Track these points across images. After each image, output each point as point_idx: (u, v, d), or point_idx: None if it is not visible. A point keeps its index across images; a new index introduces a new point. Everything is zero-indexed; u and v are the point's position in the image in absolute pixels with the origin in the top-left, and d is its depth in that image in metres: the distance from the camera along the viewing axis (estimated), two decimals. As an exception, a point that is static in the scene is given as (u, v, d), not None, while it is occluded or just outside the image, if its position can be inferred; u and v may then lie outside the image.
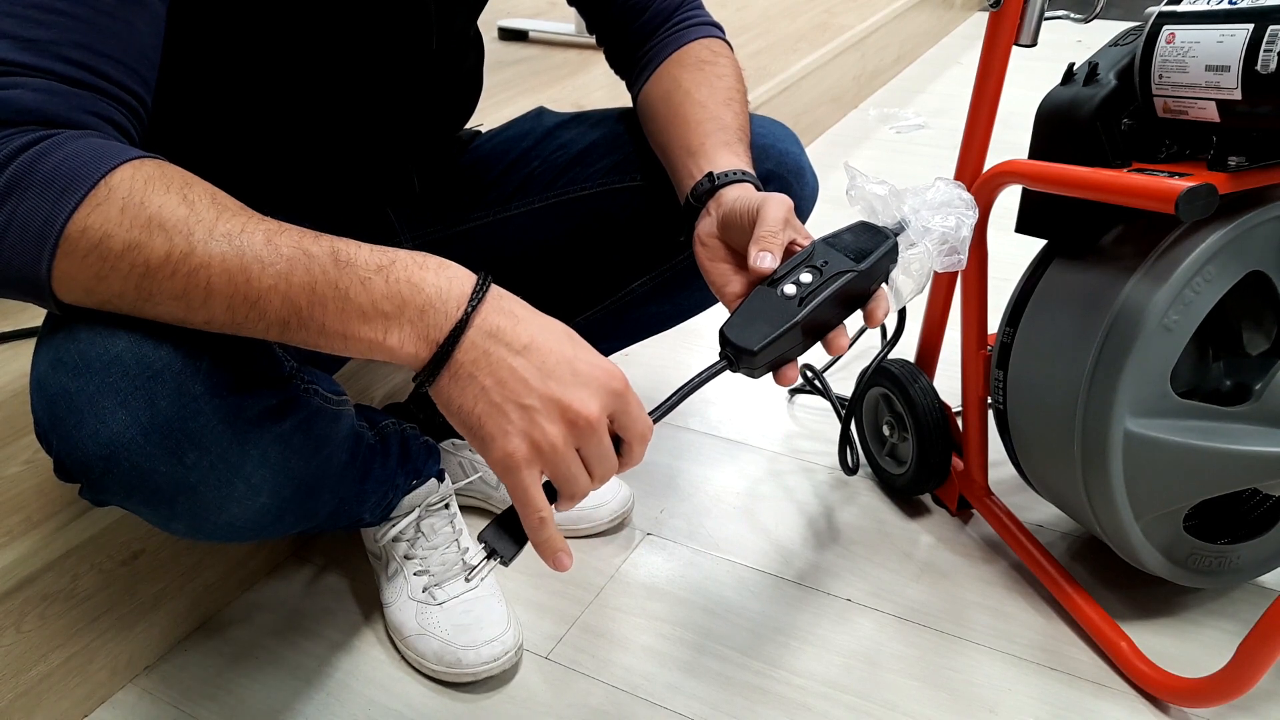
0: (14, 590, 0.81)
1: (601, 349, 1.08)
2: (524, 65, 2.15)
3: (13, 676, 0.82)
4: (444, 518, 0.97)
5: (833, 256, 0.69)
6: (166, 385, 0.60)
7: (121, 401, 0.59)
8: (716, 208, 0.76)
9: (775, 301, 0.67)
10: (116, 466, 0.60)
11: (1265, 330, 0.87)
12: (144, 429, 0.60)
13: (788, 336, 0.66)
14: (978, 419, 1.02)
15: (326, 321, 0.57)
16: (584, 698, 0.90)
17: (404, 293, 0.57)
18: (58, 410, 0.60)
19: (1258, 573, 0.96)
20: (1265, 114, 0.74)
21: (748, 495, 1.16)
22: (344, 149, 0.87)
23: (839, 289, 0.68)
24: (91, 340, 0.59)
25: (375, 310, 0.57)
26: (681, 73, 0.87)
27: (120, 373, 0.59)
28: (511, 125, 1.03)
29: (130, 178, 0.55)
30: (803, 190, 0.94)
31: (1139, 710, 0.87)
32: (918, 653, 0.94)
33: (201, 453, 0.63)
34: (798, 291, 0.67)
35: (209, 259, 0.55)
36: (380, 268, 0.57)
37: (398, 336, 0.57)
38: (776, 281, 0.68)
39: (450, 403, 0.59)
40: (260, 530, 0.72)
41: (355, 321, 0.57)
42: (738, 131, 0.83)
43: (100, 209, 0.54)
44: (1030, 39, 0.93)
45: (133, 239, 0.54)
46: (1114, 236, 0.88)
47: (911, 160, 2.23)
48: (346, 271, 0.57)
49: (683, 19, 0.92)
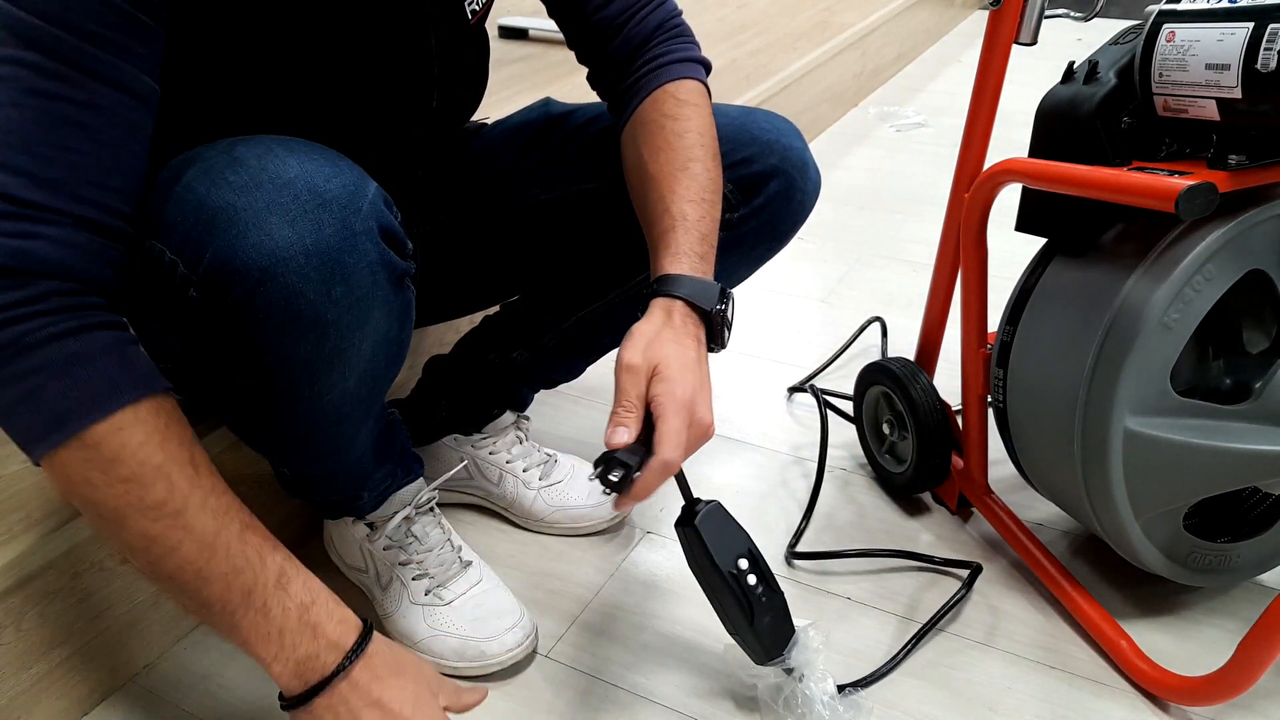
0: (14, 588, 0.81)
1: (605, 344, 1.08)
2: (525, 63, 2.15)
3: (13, 674, 0.82)
4: (432, 520, 0.97)
5: (769, 604, 0.81)
6: (333, 215, 0.64)
7: (290, 220, 0.63)
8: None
9: (735, 545, 0.81)
10: (272, 281, 0.63)
11: (1265, 329, 0.87)
12: (306, 250, 0.63)
13: (703, 558, 0.79)
14: (978, 417, 1.02)
15: (240, 623, 0.65)
16: (584, 696, 0.90)
17: (304, 638, 0.67)
18: (219, 222, 0.62)
19: (1257, 571, 0.96)
20: (1265, 112, 0.74)
21: (747, 494, 1.16)
22: (346, 141, 0.87)
23: (735, 602, 0.80)
24: (261, 164, 0.64)
25: (279, 637, 0.66)
26: (645, 137, 0.86)
27: (291, 195, 0.63)
28: (518, 115, 1.03)
29: (154, 413, 0.61)
30: (806, 185, 0.94)
31: (1139, 709, 0.87)
32: (918, 651, 0.94)
33: (348, 288, 0.66)
34: (743, 568, 0.80)
35: (192, 525, 0.62)
36: (303, 605, 0.67)
37: (280, 668, 0.67)
38: (755, 550, 0.81)
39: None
40: (329, 424, 0.76)
41: (259, 638, 0.66)
42: (677, 205, 0.81)
43: (123, 432, 0.59)
44: (1030, 37, 0.93)
45: (140, 474, 0.59)
46: (1114, 235, 0.88)
47: (911, 159, 2.23)
48: (279, 595, 0.66)
49: (657, 54, 0.89)
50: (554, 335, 1.03)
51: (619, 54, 0.89)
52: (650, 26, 0.89)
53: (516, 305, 1.07)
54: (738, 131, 0.93)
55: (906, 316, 1.51)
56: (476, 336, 1.10)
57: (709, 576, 0.80)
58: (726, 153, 0.92)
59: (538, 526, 1.10)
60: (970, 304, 0.99)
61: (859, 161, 2.21)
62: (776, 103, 2.06)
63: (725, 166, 0.92)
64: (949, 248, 1.05)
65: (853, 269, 1.72)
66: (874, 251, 1.79)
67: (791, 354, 1.45)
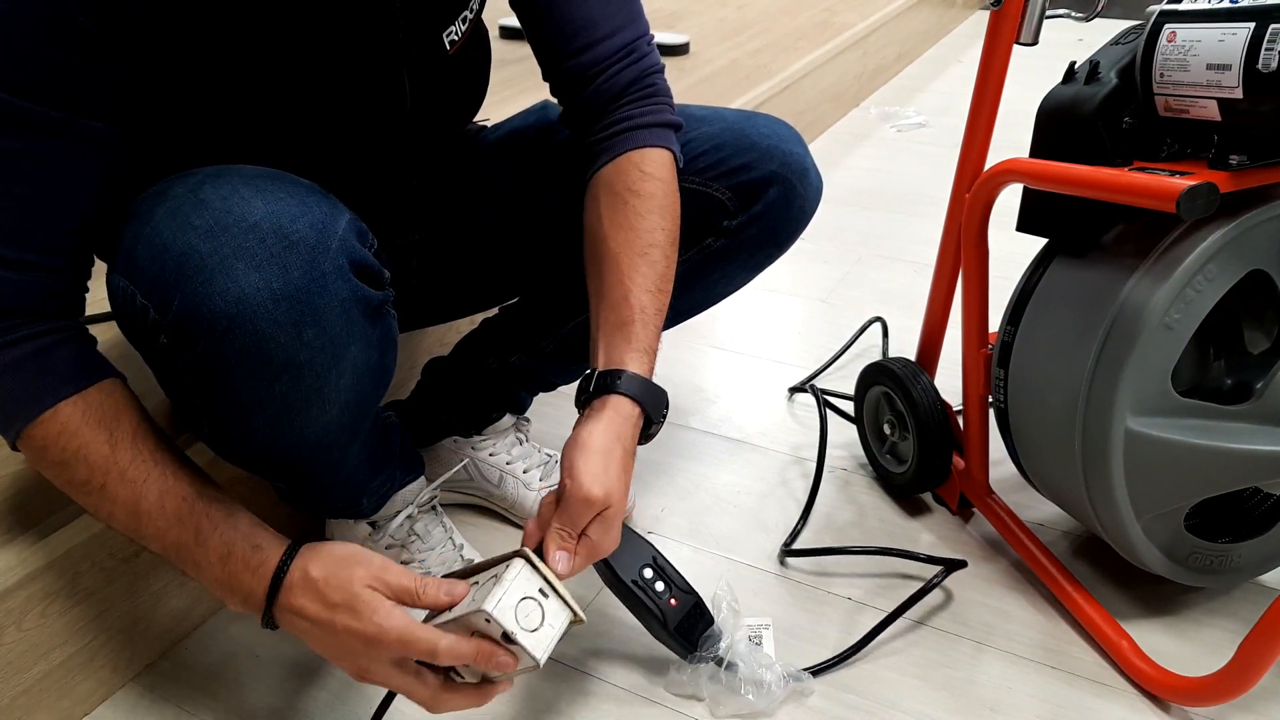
0: (15, 588, 0.81)
1: None
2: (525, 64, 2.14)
3: (14, 674, 0.82)
4: (434, 518, 0.97)
5: (682, 605, 0.87)
6: (301, 257, 0.64)
7: (256, 265, 0.63)
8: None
9: (638, 556, 0.87)
10: (240, 328, 0.63)
11: (1266, 329, 0.87)
12: (274, 295, 0.64)
13: (608, 572, 0.85)
14: (979, 418, 1.02)
15: (189, 573, 0.71)
16: (584, 696, 0.90)
17: (233, 587, 0.71)
18: (185, 269, 0.63)
19: (1258, 572, 0.96)
20: (1266, 112, 0.74)
21: (748, 494, 1.16)
22: (330, 161, 0.86)
23: (646, 608, 0.85)
24: (226, 206, 0.64)
25: (217, 586, 0.71)
26: (605, 208, 0.85)
27: (257, 239, 0.63)
28: (517, 118, 1.03)
29: (74, 405, 0.67)
30: (806, 191, 0.94)
31: (1140, 709, 0.87)
32: (918, 651, 0.94)
33: (319, 329, 0.66)
34: (648, 577, 0.86)
35: (115, 496, 0.68)
36: (222, 558, 0.70)
37: (233, 606, 0.72)
38: (659, 559, 0.88)
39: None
40: (315, 450, 0.77)
41: (209, 585, 0.72)
42: (635, 296, 0.83)
43: (44, 425, 0.66)
44: (1031, 37, 0.93)
45: (64, 459, 0.67)
46: (1115, 235, 0.88)
47: (912, 159, 2.23)
48: (198, 551, 0.70)
49: (626, 116, 0.87)
50: (552, 340, 1.03)
51: (588, 107, 0.88)
52: (621, 84, 0.87)
53: (515, 309, 1.07)
54: (737, 137, 0.92)
55: (907, 316, 1.51)
56: (475, 340, 1.10)
57: (617, 590, 0.85)
58: (725, 158, 0.92)
59: (538, 527, 1.10)
60: (971, 304, 0.99)
61: (860, 162, 2.21)
62: (777, 103, 2.06)
63: (723, 172, 0.92)
64: (950, 248, 1.05)
65: (854, 269, 1.72)
66: (875, 251, 1.79)
67: (792, 354, 1.45)
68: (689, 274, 0.98)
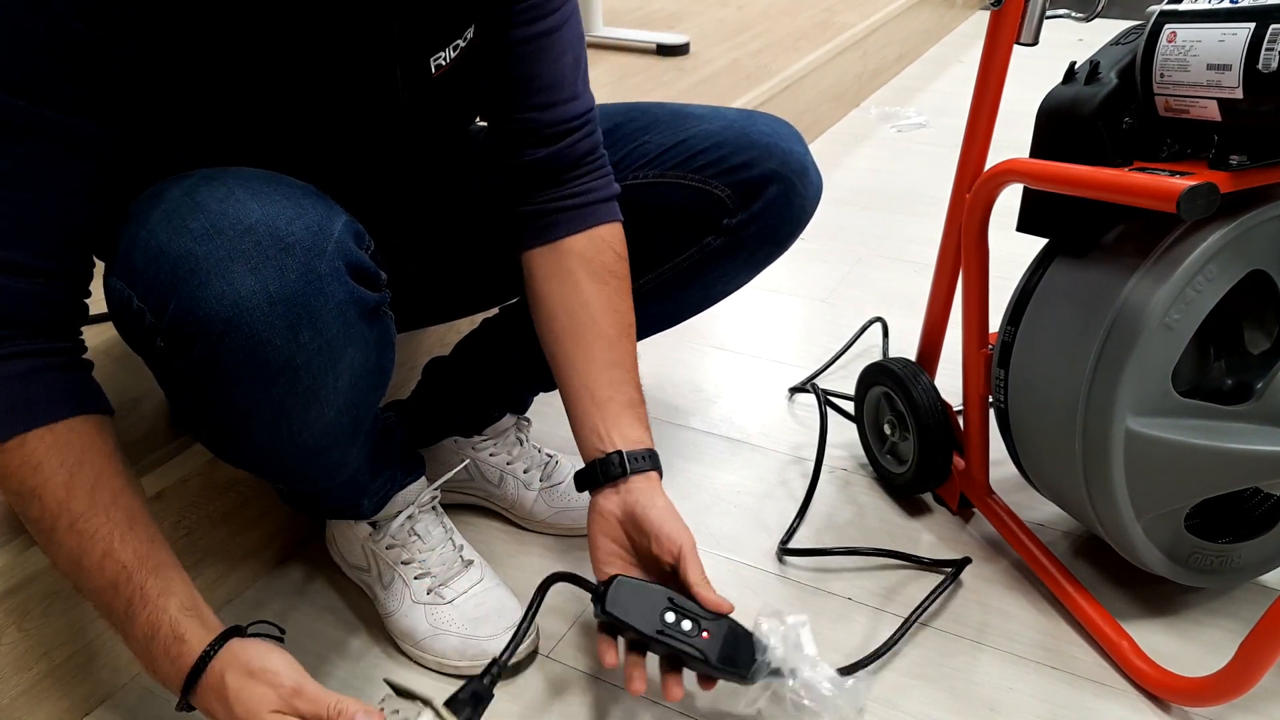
0: (16, 588, 0.81)
1: None
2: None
3: (15, 674, 0.82)
4: (434, 518, 0.97)
5: (716, 633, 0.80)
6: (297, 260, 0.64)
7: (252, 268, 0.63)
8: (624, 494, 0.84)
9: (654, 605, 0.81)
10: (236, 331, 0.63)
11: (1266, 329, 0.87)
12: (270, 298, 0.63)
13: (631, 632, 0.80)
14: (979, 418, 1.02)
15: (119, 635, 0.71)
16: (584, 696, 0.90)
17: (151, 665, 0.70)
18: (181, 272, 0.63)
19: (1259, 572, 0.96)
20: (1267, 113, 0.74)
21: (748, 494, 1.16)
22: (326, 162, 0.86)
23: (683, 653, 0.80)
24: (222, 209, 0.64)
25: (140, 658, 0.71)
26: (587, 283, 0.87)
27: (253, 241, 0.63)
28: None
29: (41, 439, 0.67)
30: (806, 190, 0.94)
31: (1140, 709, 0.87)
32: (918, 651, 0.94)
33: (315, 332, 0.66)
34: (670, 621, 0.80)
35: (61, 544, 0.68)
36: (148, 637, 0.69)
37: (157, 678, 0.71)
38: (675, 599, 0.81)
39: None
40: (313, 452, 0.76)
41: (132, 652, 0.71)
42: (633, 378, 0.89)
43: (8, 455, 0.66)
44: (1031, 38, 0.93)
45: (21, 491, 0.67)
46: (1115, 235, 0.88)
47: (913, 159, 2.23)
48: (127, 624, 0.70)
49: (587, 188, 0.88)
50: None
51: (543, 167, 0.87)
52: (580, 153, 0.87)
53: (515, 308, 1.07)
54: (737, 135, 0.92)
55: (908, 317, 1.51)
56: (475, 340, 1.10)
57: (648, 644, 0.81)
58: (725, 156, 0.92)
59: (539, 528, 1.10)
60: (971, 304, 0.99)
61: (860, 162, 2.21)
62: (777, 103, 2.06)
63: (723, 170, 0.92)
64: (950, 248, 1.05)
65: (854, 269, 1.72)
66: (875, 252, 1.79)
67: (792, 354, 1.45)
68: (689, 273, 0.98)
